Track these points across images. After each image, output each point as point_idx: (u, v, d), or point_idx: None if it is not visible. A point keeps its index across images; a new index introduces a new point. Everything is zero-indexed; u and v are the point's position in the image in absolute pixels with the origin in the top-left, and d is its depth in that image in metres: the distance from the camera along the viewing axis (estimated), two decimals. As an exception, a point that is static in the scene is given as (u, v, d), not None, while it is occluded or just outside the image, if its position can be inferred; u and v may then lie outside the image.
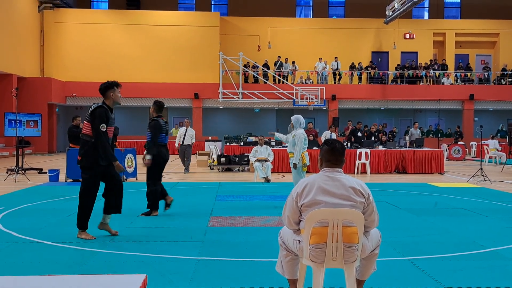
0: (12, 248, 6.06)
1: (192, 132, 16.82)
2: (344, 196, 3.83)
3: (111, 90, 6.68)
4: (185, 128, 16.66)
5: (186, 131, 16.56)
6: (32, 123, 17.04)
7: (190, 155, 16.86)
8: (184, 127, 16.70)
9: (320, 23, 33.53)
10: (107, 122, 6.48)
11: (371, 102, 31.32)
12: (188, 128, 16.67)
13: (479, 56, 35.22)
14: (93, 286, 3.07)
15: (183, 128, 16.72)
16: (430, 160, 17.44)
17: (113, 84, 6.73)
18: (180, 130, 16.85)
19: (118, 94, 6.73)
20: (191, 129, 16.86)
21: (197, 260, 5.54)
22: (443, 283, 4.77)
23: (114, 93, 6.68)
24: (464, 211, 9.08)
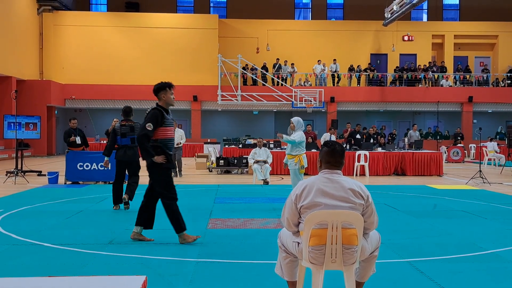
0: (12, 250, 6.06)
1: (180, 132, 16.27)
2: (343, 198, 3.83)
3: (163, 92, 6.66)
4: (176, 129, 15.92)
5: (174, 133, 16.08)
6: (31, 126, 17.04)
7: (181, 158, 16.30)
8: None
9: (318, 25, 33.55)
10: (162, 123, 6.46)
11: (370, 104, 31.34)
12: (176, 128, 15.91)
13: (478, 58, 35.25)
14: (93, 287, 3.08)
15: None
16: (429, 162, 17.45)
17: (165, 86, 6.70)
18: None
19: (170, 95, 6.67)
20: (180, 130, 16.30)
21: (196, 262, 5.54)
22: (443, 285, 4.77)
23: (165, 94, 6.65)
24: (463, 213, 9.09)
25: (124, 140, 9.52)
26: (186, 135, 32.72)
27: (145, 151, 6.38)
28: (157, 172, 6.49)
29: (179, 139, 15.97)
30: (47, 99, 28.24)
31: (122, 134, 9.53)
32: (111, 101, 30.56)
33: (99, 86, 30.15)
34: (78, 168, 13.59)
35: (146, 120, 6.40)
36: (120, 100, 30.50)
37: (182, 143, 16.25)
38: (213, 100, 30.30)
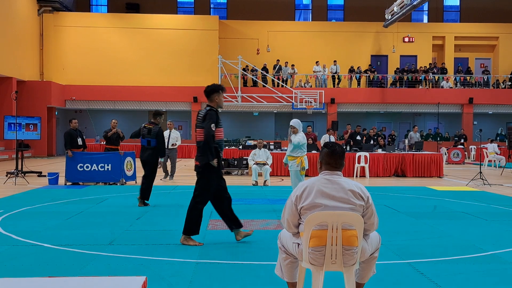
0: (12, 251, 6.06)
1: (176, 134, 15.76)
2: (343, 199, 3.83)
3: (216, 94, 6.74)
4: (168, 130, 15.42)
5: (170, 134, 15.34)
6: (31, 126, 17.05)
7: (175, 160, 15.80)
8: (167, 130, 15.40)
9: (319, 26, 33.56)
10: (217, 123, 6.55)
11: (370, 105, 31.35)
12: (172, 130, 15.51)
13: (478, 59, 35.26)
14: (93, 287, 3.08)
15: (167, 131, 15.24)
16: (429, 164, 17.45)
17: (218, 88, 6.79)
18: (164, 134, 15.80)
19: (222, 98, 6.77)
20: (176, 131, 15.77)
21: (196, 263, 5.54)
22: (443, 286, 4.77)
23: (218, 96, 6.73)
24: (464, 215, 9.09)
25: (143, 141, 10.17)
26: (186, 136, 32.83)
27: (210, 152, 6.45)
28: (209, 174, 6.54)
29: (174, 141, 15.60)
30: (47, 100, 28.26)
31: (142, 135, 10.26)
32: (112, 102, 30.57)
33: (100, 87, 30.17)
34: (78, 169, 13.59)
35: (208, 121, 6.45)
36: (120, 101, 30.53)
37: (178, 145, 15.85)
38: (213, 101, 30.25)
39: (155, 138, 10.04)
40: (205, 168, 6.50)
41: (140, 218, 8.37)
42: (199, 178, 6.63)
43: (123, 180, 13.83)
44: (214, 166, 6.49)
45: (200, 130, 6.51)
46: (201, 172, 6.56)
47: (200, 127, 6.54)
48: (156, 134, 10.06)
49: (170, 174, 15.50)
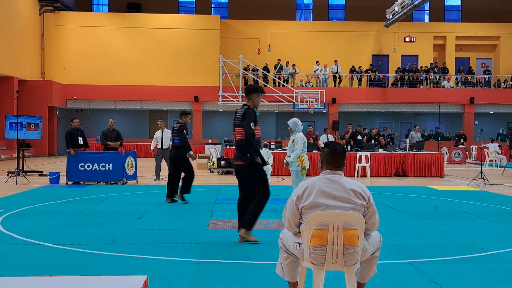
0: (13, 250, 6.07)
1: (169, 133, 14.62)
2: (344, 198, 3.83)
3: (255, 94, 6.83)
4: (160, 131, 14.80)
5: (162, 134, 14.75)
6: (33, 126, 17.06)
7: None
8: (159, 131, 14.82)
9: (320, 26, 33.55)
10: (255, 122, 6.67)
11: (371, 105, 31.34)
12: (164, 130, 14.79)
13: (479, 59, 35.23)
14: (94, 287, 3.08)
15: (159, 131, 14.81)
16: (430, 164, 17.44)
17: (258, 89, 6.89)
18: (156, 134, 14.93)
19: (259, 99, 6.90)
20: (168, 130, 14.82)
21: (197, 262, 5.54)
22: (444, 286, 4.77)
23: (257, 97, 6.84)
24: (465, 215, 9.09)
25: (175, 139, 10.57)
26: (188, 135, 32.78)
27: (254, 150, 6.61)
28: (257, 170, 6.67)
29: (169, 141, 14.81)
30: (48, 100, 28.27)
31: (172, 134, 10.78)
32: (113, 101, 30.59)
33: (101, 86, 30.18)
34: (80, 168, 13.61)
35: (247, 119, 6.57)
36: (121, 101, 30.54)
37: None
38: (214, 101, 30.30)
39: (177, 135, 10.36)
40: (250, 167, 6.62)
41: (141, 218, 8.38)
42: (244, 178, 6.73)
43: (124, 179, 13.85)
44: (259, 163, 6.64)
45: (240, 129, 6.65)
46: (246, 171, 6.66)
47: (240, 126, 6.67)
48: (177, 132, 10.36)
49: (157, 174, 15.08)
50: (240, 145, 6.67)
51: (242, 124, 6.61)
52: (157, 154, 14.95)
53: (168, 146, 14.80)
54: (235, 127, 6.75)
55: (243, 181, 6.75)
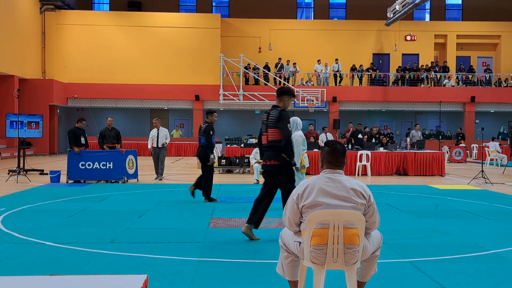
0: (14, 249, 6.07)
1: (165, 131, 14.98)
2: (345, 197, 3.83)
3: (287, 96, 6.93)
4: (156, 129, 14.78)
5: (158, 132, 14.74)
6: (33, 125, 17.07)
7: (164, 159, 15.16)
8: (154, 129, 14.82)
9: (321, 25, 33.53)
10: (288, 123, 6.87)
11: (372, 104, 31.32)
12: (160, 128, 14.80)
13: (480, 58, 35.21)
14: (94, 286, 3.08)
15: (154, 130, 14.80)
16: (431, 162, 17.43)
17: (291, 92, 7.01)
18: (151, 133, 14.89)
19: (290, 102, 7.01)
20: (163, 129, 14.99)
21: (198, 261, 5.54)
22: (444, 285, 4.77)
23: (288, 100, 6.95)
24: (465, 213, 9.08)
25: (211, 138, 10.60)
26: (188, 134, 32.85)
27: (292, 151, 6.79)
28: (291, 171, 6.86)
29: (164, 139, 14.91)
30: (49, 98, 28.28)
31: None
32: (113, 100, 30.60)
33: (102, 85, 30.18)
34: (80, 167, 13.61)
35: (284, 121, 6.70)
36: (122, 99, 30.55)
37: (167, 143, 15.10)
38: (215, 99, 30.30)
39: (203, 135, 10.39)
40: (284, 167, 6.75)
41: (141, 216, 8.38)
42: (274, 177, 6.84)
43: (124, 178, 13.85)
44: (292, 164, 6.82)
45: (274, 130, 6.73)
46: (279, 171, 6.77)
47: (274, 127, 6.74)
48: (203, 131, 10.42)
49: (160, 173, 15.03)
50: (274, 146, 6.77)
51: (279, 125, 6.69)
52: (153, 153, 14.94)
53: (163, 145, 14.88)
54: (268, 128, 6.82)
55: (272, 181, 6.88)
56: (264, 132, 6.94)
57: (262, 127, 7.02)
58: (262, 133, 7.02)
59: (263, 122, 6.96)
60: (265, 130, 6.90)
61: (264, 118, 6.94)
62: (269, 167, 6.85)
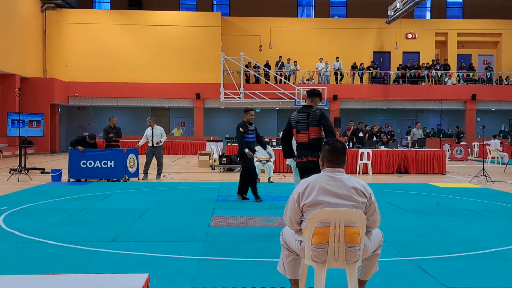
0: (15, 248, 6.08)
1: (159, 130, 14.71)
2: (346, 196, 3.83)
3: (318, 98, 7.34)
4: (150, 128, 14.57)
5: (152, 131, 14.51)
6: (34, 123, 17.08)
7: (162, 158, 14.86)
8: (149, 128, 14.60)
9: (321, 23, 33.52)
10: None
11: (373, 102, 31.31)
12: (154, 127, 14.59)
13: (481, 56, 35.18)
14: (96, 285, 3.08)
15: (149, 129, 14.59)
16: (432, 161, 17.43)
17: (320, 95, 7.43)
18: (146, 131, 14.66)
19: (319, 103, 7.41)
20: (158, 127, 14.74)
21: (199, 260, 5.55)
22: (446, 283, 4.77)
23: (319, 101, 7.37)
24: (466, 212, 9.08)
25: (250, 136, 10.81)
26: (189, 132, 32.84)
27: None
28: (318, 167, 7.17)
29: (159, 138, 14.63)
30: (50, 97, 28.30)
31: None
32: (114, 99, 30.61)
33: (102, 84, 30.20)
34: (81, 165, 13.62)
35: (327, 119, 7.14)
36: (123, 98, 30.56)
37: (163, 142, 14.78)
38: (215, 98, 30.32)
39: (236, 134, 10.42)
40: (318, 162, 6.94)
41: (143, 215, 8.39)
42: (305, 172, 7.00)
43: (126, 177, 13.86)
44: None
45: (315, 129, 7.10)
46: (316, 166, 6.83)
47: (316, 125, 7.10)
48: (236, 130, 10.54)
49: (157, 173, 14.81)
50: (315, 143, 7.09)
51: (323, 123, 7.07)
52: (148, 152, 14.70)
53: (157, 143, 14.58)
54: (310, 127, 7.12)
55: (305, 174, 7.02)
56: (303, 131, 7.15)
57: (299, 126, 7.19)
58: (300, 132, 7.20)
59: (300, 121, 7.16)
60: (305, 128, 7.13)
61: (301, 117, 7.16)
62: (306, 163, 7.08)
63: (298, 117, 7.18)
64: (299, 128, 7.18)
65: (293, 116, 7.33)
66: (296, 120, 7.24)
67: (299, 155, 7.22)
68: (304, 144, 7.15)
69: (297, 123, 7.21)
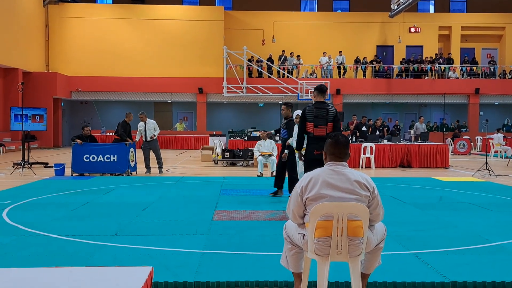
0: (19, 241, 6.10)
1: (152, 124, 14.57)
2: (349, 189, 3.83)
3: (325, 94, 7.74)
4: (143, 123, 14.47)
5: (145, 126, 14.43)
6: (37, 118, 17.11)
7: (159, 152, 14.77)
8: (142, 123, 14.50)
9: (324, 17, 33.44)
10: None
11: (376, 96, 31.26)
12: (147, 121, 14.48)
13: (485, 50, 35.08)
14: (99, 278, 3.09)
15: (141, 123, 14.49)
16: (435, 155, 17.40)
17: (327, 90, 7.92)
18: (139, 126, 14.55)
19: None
20: (151, 121, 14.63)
21: (202, 253, 5.56)
22: (448, 277, 4.77)
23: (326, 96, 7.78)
24: (469, 205, 9.08)
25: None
26: (192, 127, 32.85)
27: None
28: None
29: (152, 131, 14.53)
30: (53, 91, 28.33)
31: None
32: (117, 93, 30.63)
33: (105, 78, 30.21)
34: (84, 160, 13.64)
35: (339, 118, 7.67)
36: (125, 92, 30.58)
37: (156, 135, 14.68)
38: (218, 92, 30.30)
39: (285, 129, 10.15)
40: None
41: (146, 209, 8.40)
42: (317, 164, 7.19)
43: (129, 171, 13.87)
44: None
45: (331, 124, 7.45)
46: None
47: (332, 121, 7.48)
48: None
49: (158, 168, 14.86)
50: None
51: (337, 120, 7.55)
52: (143, 146, 14.65)
53: (151, 137, 14.54)
54: (328, 122, 7.46)
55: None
56: (321, 125, 7.46)
57: (318, 121, 7.47)
58: (318, 126, 7.46)
59: (319, 116, 7.45)
60: (324, 123, 7.46)
61: (321, 113, 7.46)
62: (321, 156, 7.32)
63: (316, 112, 7.48)
64: (318, 123, 7.48)
65: (309, 111, 7.55)
66: (314, 114, 7.50)
67: (318, 147, 7.29)
68: (323, 138, 7.20)
69: (315, 117, 7.47)
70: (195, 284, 4.58)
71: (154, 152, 14.66)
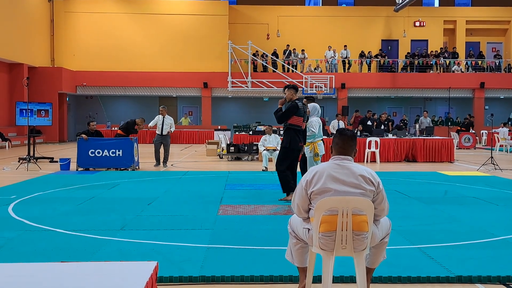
0: (25, 236, 6.12)
1: (170, 120, 15.14)
2: (353, 184, 3.83)
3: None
4: (161, 116, 14.97)
5: (163, 120, 14.93)
6: (43, 113, 17.13)
7: (169, 147, 15.35)
8: (160, 116, 15.01)
9: (329, 11, 33.35)
10: None
11: (380, 90, 31.19)
12: (166, 116, 15.01)
13: (490, 43, 34.92)
14: (105, 273, 3.10)
15: (160, 116, 15.00)
16: (440, 149, 17.36)
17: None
18: (157, 118, 15.07)
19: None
20: (169, 117, 15.21)
21: (207, 248, 5.57)
22: (453, 271, 4.77)
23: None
24: (474, 200, 9.06)
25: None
26: (197, 121, 32.86)
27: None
28: None
29: (168, 127, 15.07)
30: (58, 86, 28.38)
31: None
32: (122, 88, 30.66)
33: (110, 73, 30.23)
34: (90, 154, 13.68)
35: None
36: (131, 87, 30.60)
37: (172, 132, 15.29)
38: (223, 86, 30.29)
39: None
40: None
41: (151, 204, 8.42)
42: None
43: (133, 165, 13.89)
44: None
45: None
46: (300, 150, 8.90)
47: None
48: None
49: (164, 161, 15.15)
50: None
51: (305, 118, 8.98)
52: (156, 140, 15.10)
53: (168, 133, 15.02)
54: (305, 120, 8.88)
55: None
56: (304, 121, 8.73)
57: (304, 117, 8.77)
58: (304, 121, 8.74)
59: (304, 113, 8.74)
60: (306, 119, 8.82)
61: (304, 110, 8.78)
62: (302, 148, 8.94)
63: (304, 109, 8.76)
64: (304, 118, 8.77)
65: (301, 107, 8.65)
66: (304, 111, 8.71)
67: (303, 140, 8.81)
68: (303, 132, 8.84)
69: (305, 113, 8.72)
70: (200, 279, 4.59)
71: (164, 147, 15.13)
